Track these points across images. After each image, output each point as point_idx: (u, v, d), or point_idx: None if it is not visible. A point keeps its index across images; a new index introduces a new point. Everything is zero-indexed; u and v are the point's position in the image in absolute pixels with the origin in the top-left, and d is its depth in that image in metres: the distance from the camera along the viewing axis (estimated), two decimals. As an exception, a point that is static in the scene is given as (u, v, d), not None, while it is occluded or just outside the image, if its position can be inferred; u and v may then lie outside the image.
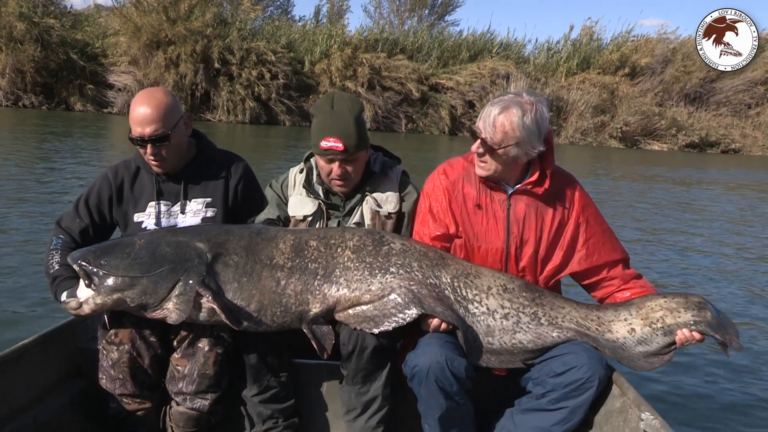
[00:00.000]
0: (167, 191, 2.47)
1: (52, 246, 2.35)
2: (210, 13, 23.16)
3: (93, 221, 2.42)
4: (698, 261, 7.18)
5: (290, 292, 2.18)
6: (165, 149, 2.37)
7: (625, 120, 26.52)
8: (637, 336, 2.21)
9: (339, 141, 2.35)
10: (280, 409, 2.34)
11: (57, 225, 2.42)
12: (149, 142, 2.33)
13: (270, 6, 35.27)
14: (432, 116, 26.05)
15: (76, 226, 2.40)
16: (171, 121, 2.36)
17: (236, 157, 2.62)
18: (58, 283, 2.25)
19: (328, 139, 2.36)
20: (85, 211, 2.42)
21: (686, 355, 4.12)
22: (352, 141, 2.36)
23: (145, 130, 2.32)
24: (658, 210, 10.69)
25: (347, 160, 2.40)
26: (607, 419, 2.16)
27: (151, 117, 2.32)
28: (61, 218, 2.45)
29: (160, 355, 2.27)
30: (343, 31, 26.46)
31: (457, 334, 2.15)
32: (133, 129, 2.35)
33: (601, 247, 2.35)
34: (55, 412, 2.25)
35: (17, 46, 21.17)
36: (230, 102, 23.20)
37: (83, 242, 2.37)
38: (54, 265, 2.29)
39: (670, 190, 13.78)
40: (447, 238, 2.36)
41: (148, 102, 2.35)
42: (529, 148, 2.24)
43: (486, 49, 28.64)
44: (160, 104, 2.35)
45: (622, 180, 14.89)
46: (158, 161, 2.39)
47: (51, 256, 2.32)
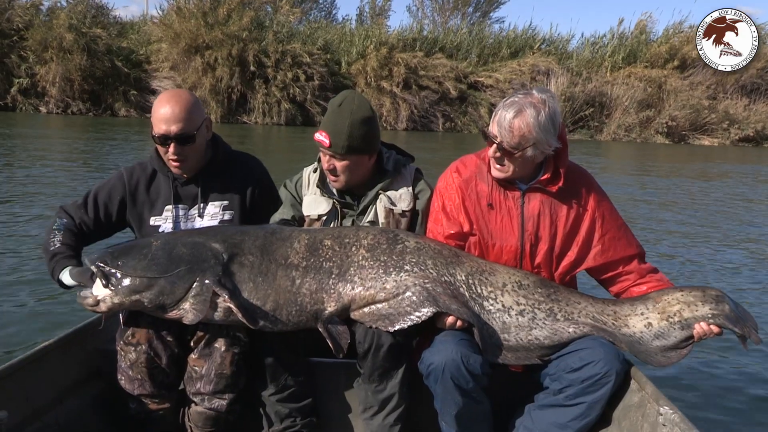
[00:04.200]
0: (184, 195, 2.46)
1: (56, 226, 2.35)
2: (247, 17, 23.49)
3: (97, 216, 2.41)
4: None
5: (305, 291, 2.19)
6: (188, 150, 2.37)
7: (671, 115, 25.76)
8: (654, 330, 2.18)
9: (328, 137, 2.40)
10: (298, 408, 2.36)
11: (61, 208, 2.42)
12: (174, 141, 2.32)
13: (313, 9, 35.57)
14: (471, 115, 25.82)
15: (78, 215, 2.39)
16: (196, 122, 2.36)
17: (252, 159, 2.62)
18: (57, 259, 2.25)
19: (321, 132, 2.43)
20: (93, 205, 2.42)
21: (704, 349, 4.04)
22: (340, 141, 2.39)
23: (170, 128, 2.30)
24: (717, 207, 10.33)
25: (335, 157, 2.42)
26: (626, 414, 2.14)
27: (178, 116, 2.31)
28: (66, 204, 2.44)
29: (178, 355, 2.28)
30: (380, 31, 26.46)
31: (473, 331, 2.14)
32: (156, 127, 2.33)
33: (616, 242, 2.32)
34: (76, 413, 2.28)
35: (66, 56, 21.94)
36: (266, 104, 23.43)
37: (81, 232, 2.38)
38: (56, 242, 2.29)
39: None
40: (461, 236, 2.35)
41: (175, 101, 2.34)
42: (546, 147, 2.23)
43: (528, 45, 28.20)
44: (187, 104, 2.34)
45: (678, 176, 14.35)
46: (180, 162, 2.38)
47: (53, 234, 2.31)
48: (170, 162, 2.40)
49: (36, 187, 8.63)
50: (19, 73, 22.10)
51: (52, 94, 22.28)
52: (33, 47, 22.24)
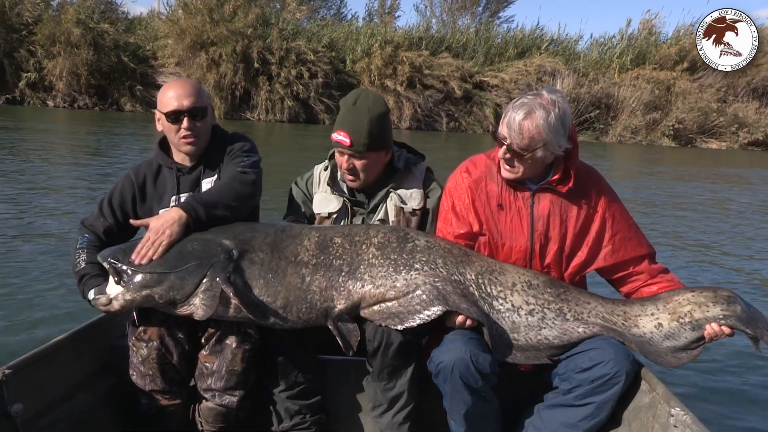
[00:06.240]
0: (187, 183, 2.47)
1: (78, 245, 2.39)
2: (252, 14, 23.51)
3: (116, 220, 2.44)
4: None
5: (315, 288, 2.19)
6: (200, 126, 2.40)
7: (678, 117, 25.61)
8: (665, 331, 2.18)
9: (348, 136, 2.40)
10: (307, 405, 2.37)
11: (82, 224, 2.46)
12: (187, 114, 2.35)
13: (322, 7, 35.53)
14: (476, 114, 25.80)
15: (100, 225, 2.42)
16: (205, 99, 2.43)
17: (242, 136, 2.58)
18: (85, 281, 2.29)
19: (339, 132, 2.43)
20: (109, 210, 2.45)
21: (715, 350, 4.03)
22: (361, 139, 2.39)
23: (182, 102, 2.35)
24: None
25: (355, 156, 2.43)
26: (636, 415, 2.13)
27: (189, 91, 2.38)
28: (85, 218, 2.48)
29: (188, 351, 2.30)
30: (386, 30, 26.43)
31: (482, 330, 2.14)
32: (168, 105, 2.36)
33: (627, 242, 2.32)
34: (88, 407, 2.30)
35: (73, 51, 22.03)
36: (269, 101, 23.45)
37: (108, 240, 2.40)
38: (81, 263, 2.33)
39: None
40: (470, 236, 2.35)
41: (183, 82, 2.46)
42: (556, 148, 2.22)
43: (535, 45, 28.11)
44: (194, 84, 2.47)
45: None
46: (193, 137, 2.40)
47: (77, 255, 2.35)
48: (182, 140, 2.41)
49: (47, 179, 8.70)
50: (28, 67, 22.23)
51: (59, 88, 22.39)
52: (41, 41, 22.35)
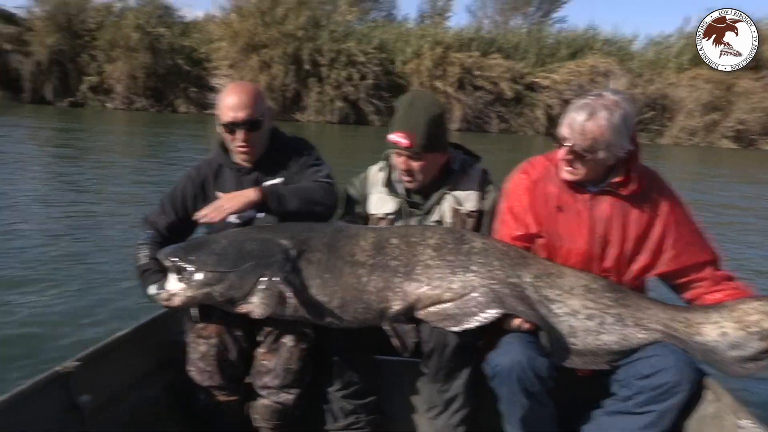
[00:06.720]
0: (247, 184, 2.49)
1: (141, 240, 2.46)
2: (303, 16, 23.82)
3: (178, 217, 2.50)
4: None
5: (372, 288, 2.20)
6: (255, 136, 2.44)
7: (739, 118, 24.70)
8: (730, 339, 2.10)
9: (405, 137, 2.39)
10: (362, 405, 2.38)
11: (144, 220, 2.53)
12: (242, 126, 2.40)
13: (373, 9, 35.68)
14: (527, 116, 25.50)
15: (162, 221, 2.49)
16: (261, 109, 2.45)
17: (305, 143, 2.62)
18: (146, 276, 2.35)
19: (397, 133, 2.42)
20: (170, 208, 2.50)
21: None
22: (419, 140, 2.38)
23: (238, 114, 2.38)
24: None
25: (412, 157, 2.43)
26: (700, 425, 2.06)
27: (245, 103, 2.40)
28: (148, 214, 2.55)
29: (246, 349, 2.33)
30: (436, 31, 26.38)
31: (539, 334, 2.12)
32: (225, 115, 2.41)
33: (690, 248, 2.26)
34: (148, 401, 2.35)
35: (132, 55, 22.84)
36: (319, 102, 23.73)
37: (170, 236, 2.46)
38: (142, 258, 2.39)
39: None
40: (528, 238, 2.32)
41: (241, 90, 2.45)
42: (618, 149, 2.18)
43: (587, 46, 27.60)
44: (252, 92, 2.45)
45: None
46: (248, 148, 2.44)
47: (139, 250, 2.42)
48: (238, 149, 2.47)
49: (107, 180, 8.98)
50: (89, 72, 23.20)
51: (118, 90, 23.25)
52: (102, 46, 23.27)
